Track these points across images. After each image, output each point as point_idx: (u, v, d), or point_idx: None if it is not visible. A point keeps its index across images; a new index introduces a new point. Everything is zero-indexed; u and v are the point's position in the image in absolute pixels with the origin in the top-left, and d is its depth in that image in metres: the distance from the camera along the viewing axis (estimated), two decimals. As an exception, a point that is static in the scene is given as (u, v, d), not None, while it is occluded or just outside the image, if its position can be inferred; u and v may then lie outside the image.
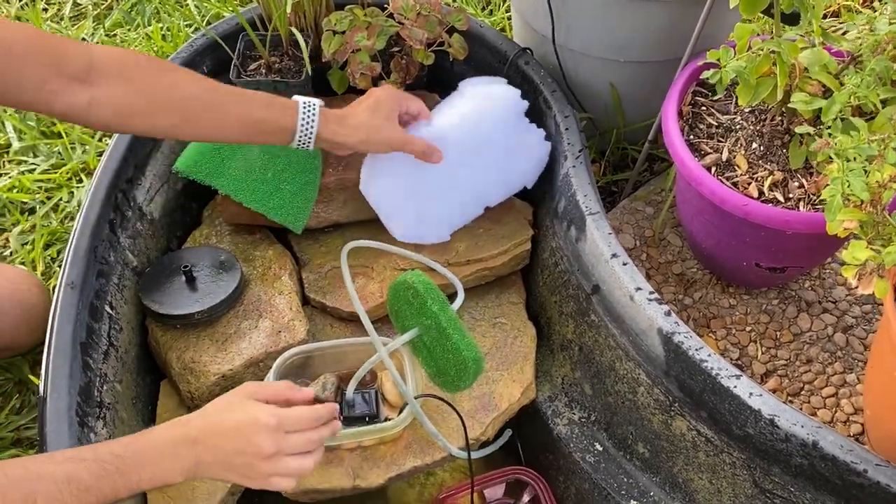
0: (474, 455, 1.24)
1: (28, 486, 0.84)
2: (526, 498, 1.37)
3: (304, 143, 1.20)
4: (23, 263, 1.56)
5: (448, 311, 1.15)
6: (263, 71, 1.39)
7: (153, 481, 0.92)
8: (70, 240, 1.21)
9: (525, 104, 1.37)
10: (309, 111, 1.18)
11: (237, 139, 1.23)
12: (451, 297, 1.23)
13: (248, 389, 1.02)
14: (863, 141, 0.89)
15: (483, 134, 1.34)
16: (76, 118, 1.06)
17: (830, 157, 0.95)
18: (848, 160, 0.94)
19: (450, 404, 1.22)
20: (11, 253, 1.58)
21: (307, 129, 1.18)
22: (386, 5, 1.41)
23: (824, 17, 1.75)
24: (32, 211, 1.66)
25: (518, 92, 1.37)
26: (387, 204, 1.36)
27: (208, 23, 2.00)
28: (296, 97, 1.19)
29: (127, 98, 1.06)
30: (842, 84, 1.07)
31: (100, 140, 1.77)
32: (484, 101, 1.35)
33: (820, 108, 1.05)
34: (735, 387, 1.03)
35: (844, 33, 1.11)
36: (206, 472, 0.96)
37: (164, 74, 1.10)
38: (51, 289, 1.50)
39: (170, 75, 1.10)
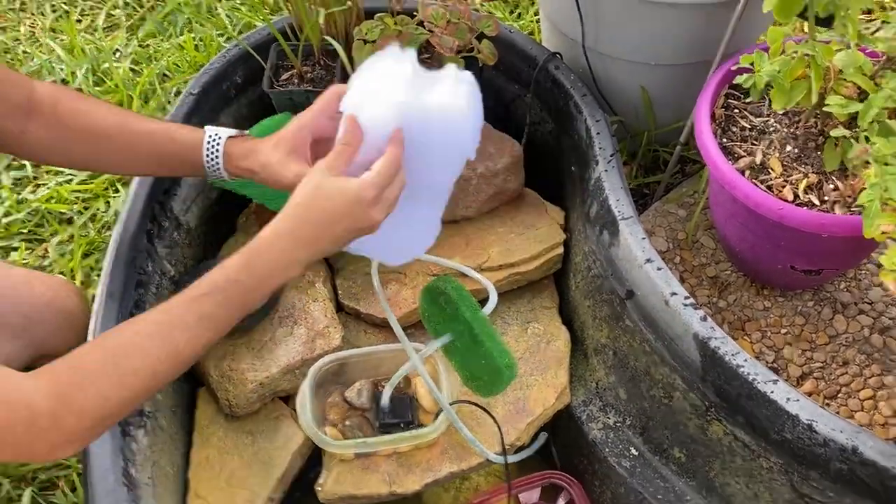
0: (510, 459, 1.25)
1: (165, 338, 0.90)
2: (561, 502, 1.37)
3: (216, 176, 1.16)
4: (62, 273, 1.59)
5: (480, 318, 1.16)
6: (296, 81, 1.41)
7: (276, 286, 0.97)
8: (108, 250, 1.23)
9: (472, 150, 1.07)
10: (212, 147, 1.14)
11: (150, 173, 1.24)
12: (483, 301, 1.23)
13: (322, 166, 0.99)
14: (901, 146, 0.88)
15: (436, 141, 1.06)
16: (6, 148, 1.10)
17: (867, 161, 0.95)
18: (886, 164, 0.93)
19: (485, 410, 1.23)
20: (50, 262, 1.61)
21: (213, 164, 1.15)
22: (415, 13, 1.42)
23: (857, 14, 1.73)
24: (70, 221, 1.69)
25: (474, 120, 1.09)
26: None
27: (240, 32, 2.02)
28: (206, 128, 1.15)
29: (48, 130, 1.09)
30: (877, 86, 1.06)
31: (134, 149, 1.80)
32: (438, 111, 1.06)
33: (856, 111, 1.04)
34: (772, 392, 1.03)
35: (877, 31, 1.09)
36: (324, 255, 1.03)
37: (82, 104, 1.12)
38: (90, 297, 1.52)
39: (88, 106, 1.12)
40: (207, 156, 1.14)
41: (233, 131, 1.16)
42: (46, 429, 0.83)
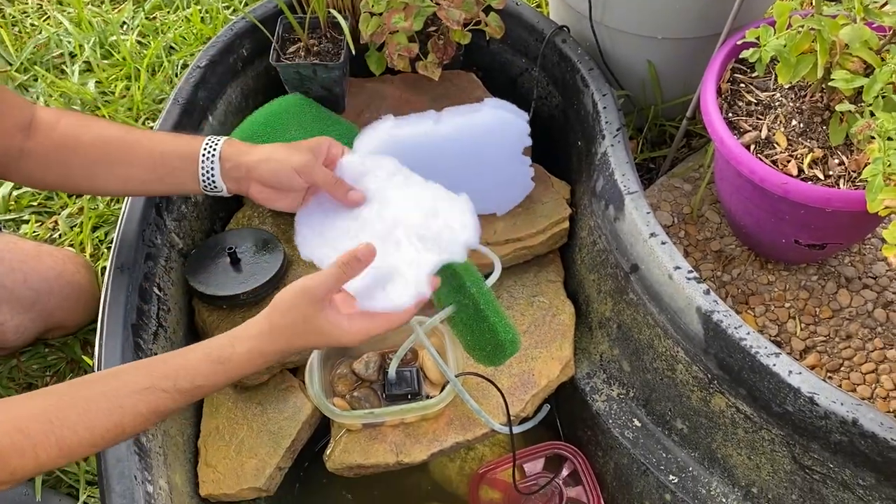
0: (515, 430, 1.26)
1: (114, 418, 0.90)
2: (565, 472, 1.39)
3: (210, 188, 1.18)
4: (71, 245, 1.61)
5: (485, 291, 1.16)
6: (302, 54, 1.41)
7: (251, 368, 1.00)
8: (118, 223, 1.24)
9: (529, 141, 1.36)
10: (209, 150, 1.16)
11: (148, 189, 1.22)
12: (489, 274, 1.25)
13: (312, 294, 1.01)
14: (904, 122, 0.89)
15: (485, 152, 1.33)
16: (6, 168, 1.11)
17: (872, 136, 0.95)
18: (890, 139, 0.94)
19: (491, 381, 1.24)
20: (60, 235, 1.62)
21: (209, 173, 1.16)
22: (423, -14, 1.42)
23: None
24: (80, 194, 1.70)
25: (527, 126, 1.35)
26: None
27: (246, 5, 2.02)
28: (205, 142, 1.17)
29: (46, 150, 1.11)
30: (883, 60, 1.06)
31: (143, 123, 1.81)
32: (499, 122, 1.33)
33: (861, 85, 1.05)
34: (774, 365, 1.04)
35: (884, 5, 1.09)
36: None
37: (82, 121, 1.14)
38: (99, 270, 1.54)
39: (87, 122, 1.14)
40: (203, 160, 1.15)
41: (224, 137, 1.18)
42: None
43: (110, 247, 1.23)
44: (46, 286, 1.38)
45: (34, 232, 1.62)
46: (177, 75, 1.91)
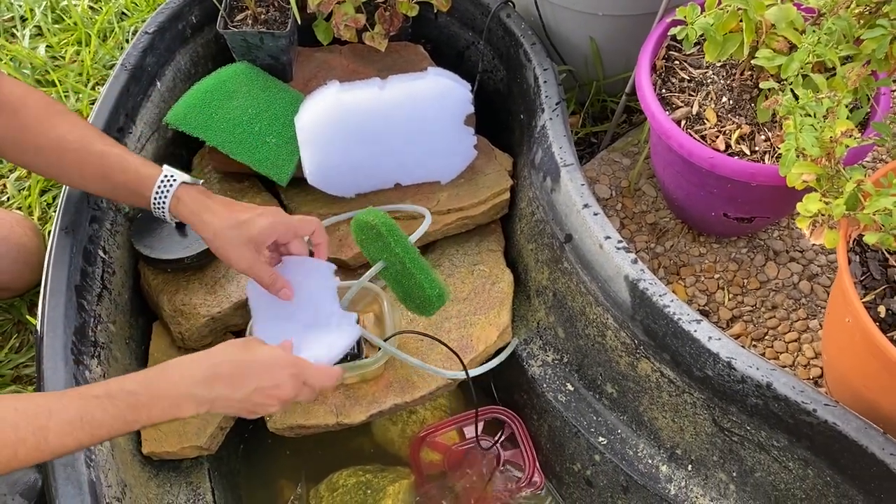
0: (474, 372, 1.30)
1: (40, 421, 0.87)
2: (502, 436, 1.44)
3: (159, 214, 1.16)
4: (19, 209, 1.61)
5: (410, 249, 1.19)
6: (250, 22, 1.42)
7: (164, 416, 0.96)
8: (64, 186, 1.26)
9: (471, 109, 1.40)
10: (164, 188, 1.13)
11: (105, 196, 1.25)
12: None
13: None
14: (810, 99, 0.93)
15: (427, 118, 1.37)
16: None
17: (790, 112, 1.00)
18: (806, 115, 0.98)
19: (433, 336, 1.27)
20: (9, 198, 1.63)
21: (160, 203, 1.14)
22: (370, -43, 1.44)
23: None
24: (28, 157, 1.70)
25: (469, 94, 1.39)
26: (313, 138, 1.37)
27: (198, -29, 2.01)
28: (164, 168, 1.14)
29: (8, 130, 1.10)
30: (807, 41, 1.10)
31: (92, 89, 1.81)
32: (441, 89, 1.37)
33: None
34: (695, 331, 1.09)
35: (815, -12, 1.13)
36: (217, 410, 1.01)
37: (49, 117, 1.12)
38: (46, 233, 1.55)
39: (53, 119, 1.12)
40: (157, 193, 1.13)
41: (187, 178, 1.15)
42: None
43: (56, 210, 1.24)
44: (-7, 248, 1.39)
45: (-18, 195, 1.63)
46: (128, 41, 1.90)
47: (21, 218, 1.49)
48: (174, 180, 1.13)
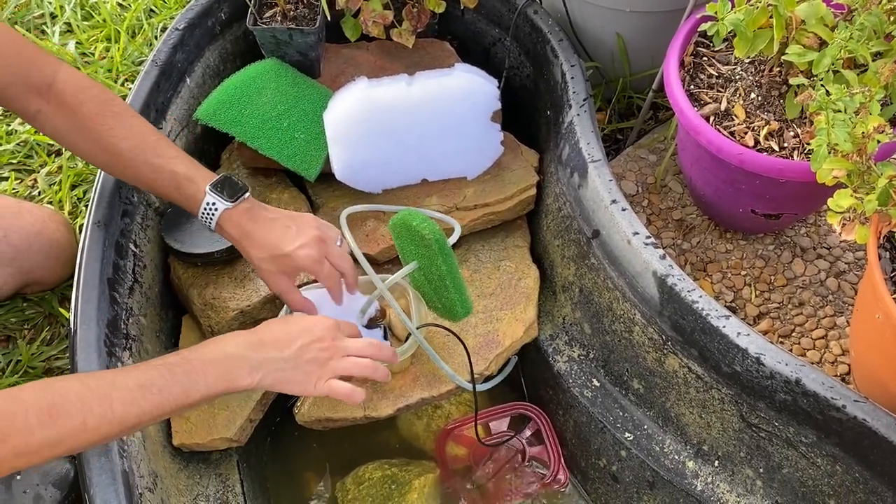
0: (480, 387, 1.31)
1: (104, 390, 0.91)
2: (528, 432, 1.45)
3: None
4: (50, 203, 1.63)
5: (453, 268, 1.21)
6: (279, 18, 1.44)
7: (219, 383, 1.00)
8: (96, 181, 1.27)
9: (498, 105, 1.41)
10: (208, 213, 1.16)
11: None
12: (449, 232, 1.31)
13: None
14: (844, 94, 0.93)
15: (454, 114, 1.38)
16: (23, 118, 1.15)
17: (821, 108, 0.99)
18: (837, 111, 0.98)
19: (455, 335, 1.28)
20: (39, 193, 1.65)
21: (206, 221, 1.18)
22: (398, -46, 1.44)
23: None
24: (59, 153, 1.72)
25: (496, 90, 1.41)
26: (341, 134, 1.38)
27: (226, -32, 2.02)
28: (207, 190, 1.16)
29: (65, 124, 1.13)
30: (837, 37, 1.10)
31: (122, 85, 1.83)
32: (468, 85, 1.38)
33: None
34: (724, 327, 1.09)
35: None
36: (269, 376, 1.05)
37: (105, 119, 1.14)
38: (77, 228, 1.56)
39: (110, 121, 1.14)
40: (203, 217, 1.17)
41: (229, 203, 1.16)
42: None
43: (88, 205, 1.26)
44: (26, 243, 1.41)
45: (14, 189, 1.65)
46: (156, 38, 1.92)
47: (52, 213, 1.50)
48: (215, 210, 1.16)
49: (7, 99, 1.11)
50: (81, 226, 1.45)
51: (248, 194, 1.18)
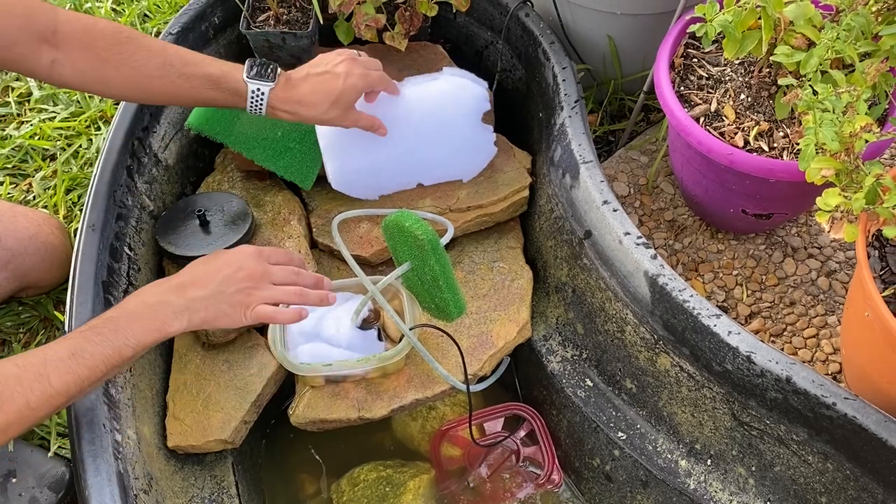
0: (473, 388, 1.31)
1: (38, 368, 0.93)
2: (522, 432, 1.45)
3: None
4: (45, 207, 1.64)
5: (446, 268, 1.22)
6: (272, 22, 1.44)
7: (148, 333, 1.01)
8: (90, 185, 1.28)
9: (489, 106, 1.43)
10: (256, 101, 1.21)
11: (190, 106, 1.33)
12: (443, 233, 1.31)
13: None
14: (831, 94, 0.94)
15: (445, 117, 1.39)
16: (39, 76, 1.13)
17: (809, 108, 1.00)
18: (825, 111, 0.99)
19: (449, 335, 1.28)
20: (34, 197, 1.65)
21: (256, 110, 1.22)
22: (391, -42, 1.45)
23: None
24: (53, 157, 1.73)
25: (486, 92, 1.42)
26: (334, 142, 1.39)
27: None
28: (247, 81, 1.19)
29: (86, 64, 1.12)
30: (825, 38, 1.11)
31: (116, 89, 1.83)
32: (457, 88, 1.39)
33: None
34: (715, 325, 1.10)
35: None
36: (197, 315, 1.05)
37: (122, 46, 1.14)
38: (72, 231, 1.57)
39: (127, 47, 1.14)
40: (251, 107, 1.21)
41: (272, 84, 1.20)
42: None
43: (83, 209, 1.26)
44: (21, 247, 1.42)
45: (9, 194, 1.65)
46: (151, 43, 1.93)
47: (47, 217, 1.51)
48: (262, 95, 1.20)
49: (17, 59, 1.09)
50: (76, 229, 1.46)
51: (278, 67, 1.22)
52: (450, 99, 1.37)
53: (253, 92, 1.20)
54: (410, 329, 1.25)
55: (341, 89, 1.22)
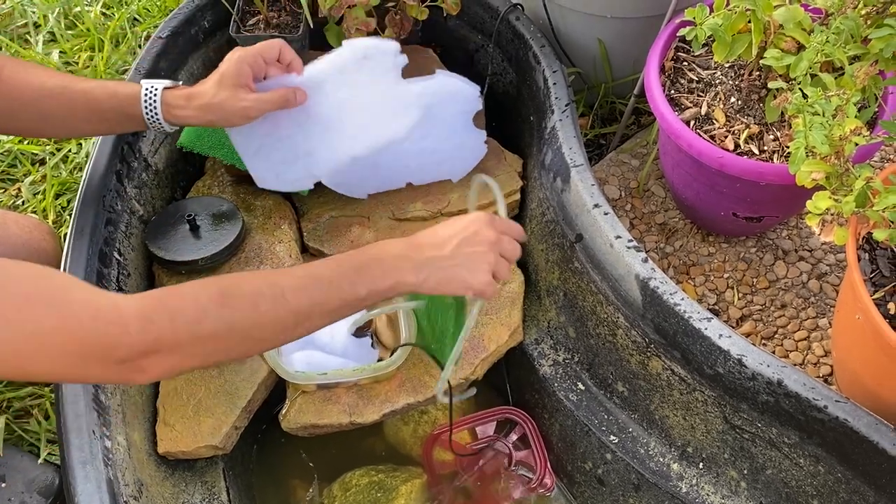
0: (452, 400, 1.29)
1: (273, 278, 0.92)
2: (514, 436, 1.45)
3: (156, 129, 1.21)
4: (34, 212, 1.63)
5: (460, 316, 1.15)
6: (262, 26, 1.44)
7: (387, 279, 0.97)
8: (80, 189, 1.27)
9: (480, 107, 1.40)
10: (150, 98, 1.18)
11: (94, 132, 1.28)
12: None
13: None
14: (820, 97, 0.94)
15: (436, 117, 1.37)
16: None
17: (799, 111, 1.01)
18: (815, 114, 0.99)
19: (434, 356, 1.26)
20: (24, 202, 1.65)
21: (152, 116, 1.19)
22: (381, -38, 1.45)
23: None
24: (43, 162, 1.72)
25: (476, 92, 1.39)
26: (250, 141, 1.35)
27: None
28: (142, 82, 1.19)
29: None
30: (815, 41, 1.11)
31: (106, 93, 1.83)
32: (448, 88, 1.37)
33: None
34: (706, 329, 1.10)
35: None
36: (433, 276, 1.00)
37: (16, 74, 1.13)
38: (62, 236, 1.56)
39: (21, 74, 1.14)
40: (146, 107, 1.18)
41: (168, 82, 1.19)
42: (136, 332, 0.82)
43: (72, 213, 1.26)
44: (13, 253, 1.40)
45: (-3, 199, 1.65)
46: (140, 46, 1.93)
47: (38, 222, 1.50)
48: (156, 90, 1.17)
49: None
50: (66, 234, 1.45)
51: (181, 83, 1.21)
52: (441, 99, 1.36)
53: (146, 89, 1.17)
54: (404, 345, 1.25)
55: (224, 67, 1.18)
